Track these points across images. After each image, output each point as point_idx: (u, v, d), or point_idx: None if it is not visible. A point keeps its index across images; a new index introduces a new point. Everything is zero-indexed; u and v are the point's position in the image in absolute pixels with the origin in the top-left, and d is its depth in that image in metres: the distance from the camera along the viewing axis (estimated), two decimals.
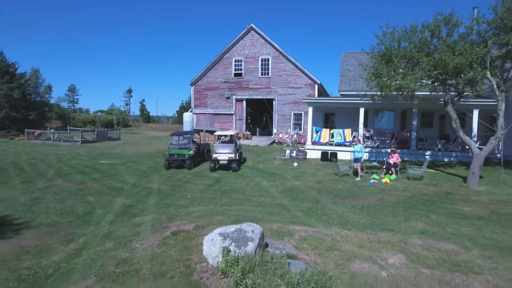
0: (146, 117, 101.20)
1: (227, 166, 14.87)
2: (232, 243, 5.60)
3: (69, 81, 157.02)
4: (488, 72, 11.60)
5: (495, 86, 11.60)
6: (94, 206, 9.87)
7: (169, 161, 15.49)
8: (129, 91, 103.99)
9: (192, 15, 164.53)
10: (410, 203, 9.87)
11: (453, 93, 13.19)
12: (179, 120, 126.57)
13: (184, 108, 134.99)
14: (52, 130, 36.71)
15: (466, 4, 17.89)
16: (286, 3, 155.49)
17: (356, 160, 13.29)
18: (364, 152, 14.13)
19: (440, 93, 13.76)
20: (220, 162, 14.80)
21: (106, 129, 38.76)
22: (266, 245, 6.16)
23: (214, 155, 14.93)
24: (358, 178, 13.04)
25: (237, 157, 14.93)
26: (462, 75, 11.71)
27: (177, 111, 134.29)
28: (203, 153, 17.35)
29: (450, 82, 12.53)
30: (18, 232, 7.63)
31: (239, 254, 5.39)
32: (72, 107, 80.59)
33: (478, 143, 14.53)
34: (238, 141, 16.49)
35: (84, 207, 9.80)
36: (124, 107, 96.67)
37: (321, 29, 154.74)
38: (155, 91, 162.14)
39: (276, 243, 6.41)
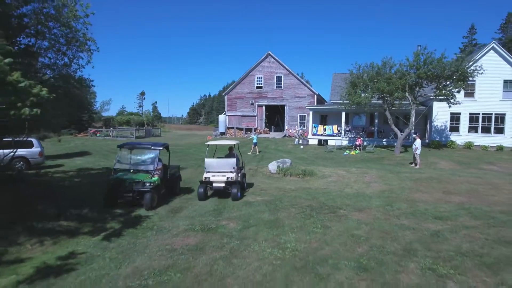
0: (158, 118, 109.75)
1: (225, 191, 10.60)
2: (280, 164, 15.49)
3: None
4: (407, 93, 21.40)
5: (410, 101, 21.42)
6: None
7: (114, 192, 9.17)
8: (142, 93, 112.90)
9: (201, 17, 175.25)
10: (360, 161, 19.71)
11: (389, 102, 22.96)
12: (190, 120, 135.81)
13: (195, 109, 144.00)
14: (111, 128, 46.71)
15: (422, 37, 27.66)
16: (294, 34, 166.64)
17: (255, 144, 22.88)
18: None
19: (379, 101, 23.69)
20: (214, 185, 10.46)
21: (151, 128, 48.88)
22: None
23: (205, 175, 10.50)
24: (257, 153, 22.43)
25: (239, 178, 10.70)
26: (394, 94, 21.45)
27: (188, 112, 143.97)
28: (171, 181, 10.86)
29: (386, 98, 22.32)
30: None
31: (283, 167, 15.25)
32: None
33: (417, 133, 24.33)
34: (241, 157, 12.28)
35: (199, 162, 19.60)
36: (137, 109, 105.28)
37: (321, 51, 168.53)
38: (166, 93, 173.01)
39: None
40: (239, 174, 10.82)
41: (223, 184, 10.41)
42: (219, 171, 10.55)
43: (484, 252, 6.22)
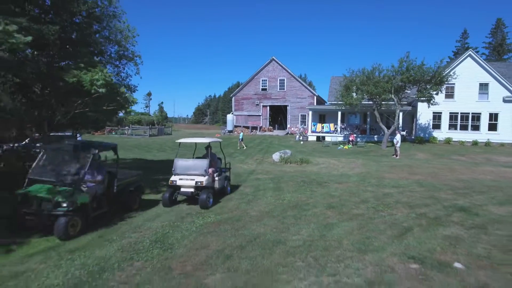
0: (164, 118, 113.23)
1: (194, 197, 9.23)
2: (282, 154, 18.90)
3: None
4: (393, 95, 24.65)
5: (396, 102, 24.67)
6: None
7: (20, 214, 6.56)
8: (149, 94, 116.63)
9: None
10: (351, 153, 23.01)
11: (377, 103, 26.25)
12: (196, 120, 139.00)
13: (200, 109, 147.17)
14: (126, 127, 50.37)
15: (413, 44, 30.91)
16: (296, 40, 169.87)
17: (241, 140, 26.33)
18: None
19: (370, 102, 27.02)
20: (181, 190, 9.16)
21: (163, 127, 52.47)
22: None
23: (172, 178, 9.24)
24: (239, 147, 25.80)
25: (215, 183, 9.59)
26: (381, 96, 24.70)
27: (193, 112, 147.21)
28: (122, 195, 8.32)
29: (375, 99, 25.58)
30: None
31: (284, 156, 18.63)
32: None
33: (405, 131, 27.55)
34: (224, 158, 11.77)
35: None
36: (144, 109, 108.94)
37: (324, 53, 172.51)
38: (171, 94, 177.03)
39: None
40: (216, 178, 9.56)
41: (191, 189, 9.00)
42: (188, 174, 9.17)
43: (413, 201, 9.54)
